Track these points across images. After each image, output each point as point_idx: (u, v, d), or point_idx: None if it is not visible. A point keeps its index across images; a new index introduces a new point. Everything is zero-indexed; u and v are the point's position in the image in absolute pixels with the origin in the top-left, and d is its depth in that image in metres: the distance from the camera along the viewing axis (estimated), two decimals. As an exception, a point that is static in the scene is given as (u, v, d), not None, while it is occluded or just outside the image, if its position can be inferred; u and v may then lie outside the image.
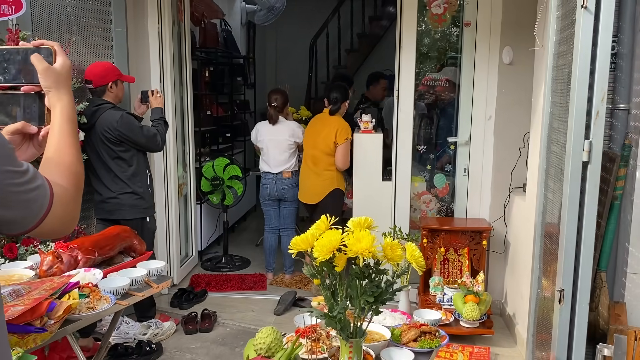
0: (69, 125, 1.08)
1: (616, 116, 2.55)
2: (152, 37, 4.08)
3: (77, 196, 1.04)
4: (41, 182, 0.94)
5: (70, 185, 1.02)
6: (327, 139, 4.23)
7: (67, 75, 1.11)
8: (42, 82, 1.09)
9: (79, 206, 1.05)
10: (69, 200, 1.00)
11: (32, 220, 0.94)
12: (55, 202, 0.96)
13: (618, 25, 2.50)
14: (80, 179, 1.06)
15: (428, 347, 1.93)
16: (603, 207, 2.53)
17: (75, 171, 1.05)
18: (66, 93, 1.10)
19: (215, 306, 4.03)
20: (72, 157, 1.06)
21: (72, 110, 1.10)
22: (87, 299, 1.99)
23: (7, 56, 1.10)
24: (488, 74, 3.87)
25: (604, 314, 2.55)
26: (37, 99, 1.12)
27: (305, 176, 4.44)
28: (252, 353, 1.81)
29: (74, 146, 1.07)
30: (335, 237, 1.54)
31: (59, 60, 1.11)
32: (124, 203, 3.36)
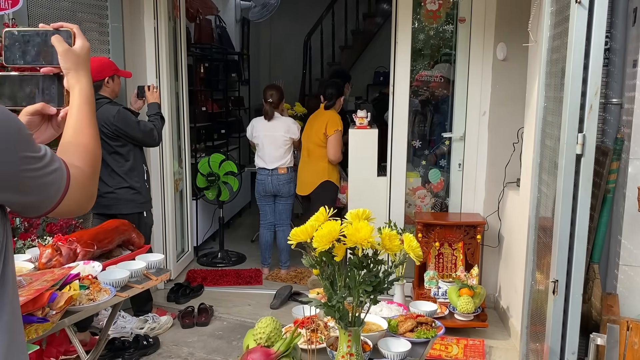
0: (87, 107, 1.10)
1: (609, 110, 2.59)
2: (148, 33, 4.09)
3: (94, 176, 1.05)
4: (58, 164, 0.95)
5: (87, 166, 1.03)
6: (318, 132, 4.39)
7: (86, 57, 1.13)
8: (61, 64, 1.10)
9: (96, 186, 1.07)
10: (86, 181, 1.01)
11: (50, 204, 0.95)
12: (72, 184, 0.97)
13: (611, 21, 2.54)
14: (97, 159, 1.08)
15: (425, 337, 1.96)
16: (596, 200, 2.57)
17: (93, 152, 1.06)
18: (85, 75, 1.12)
19: (212, 301, 4.05)
20: (90, 138, 1.07)
21: (90, 91, 1.12)
22: (88, 291, 2.00)
23: (27, 38, 1.11)
24: (482, 69, 3.90)
25: (596, 305, 2.59)
26: (56, 81, 1.13)
27: (300, 169, 4.62)
28: (252, 343, 1.84)
29: (91, 127, 1.09)
30: (334, 227, 1.57)
31: (78, 42, 1.12)
32: (121, 198, 3.37)
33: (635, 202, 2.37)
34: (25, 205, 0.93)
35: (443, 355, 3.25)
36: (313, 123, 4.51)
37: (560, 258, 2.16)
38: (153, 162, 4.18)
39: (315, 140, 4.42)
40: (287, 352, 1.76)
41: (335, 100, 4.47)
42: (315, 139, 4.42)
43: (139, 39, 4.06)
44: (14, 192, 0.89)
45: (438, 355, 3.24)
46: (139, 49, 4.07)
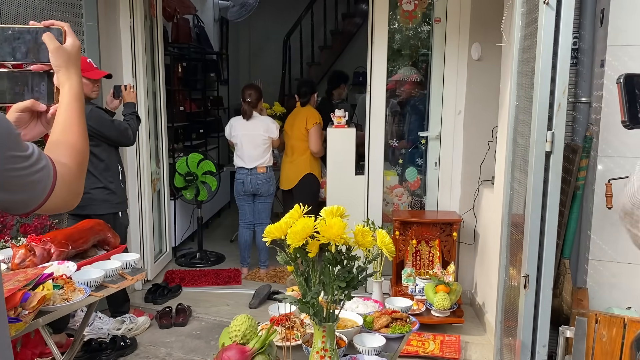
0: (76, 104, 1.10)
1: (578, 109, 2.66)
2: (124, 32, 4.06)
3: (81, 174, 1.06)
4: (45, 162, 0.96)
5: (74, 163, 1.04)
6: (300, 127, 4.56)
7: (76, 55, 1.14)
8: (52, 61, 1.11)
9: (83, 183, 1.07)
10: (72, 178, 1.02)
11: (36, 202, 0.96)
12: (58, 181, 0.98)
13: (580, 21, 2.60)
14: (85, 157, 1.09)
15: (399, 333, 1.99)
16: (566, 196, 2.63)
17: (80, 149, 1.07)
18: (75, 73, 1.12)
19: (190, 301, 4.04)
20: (78, 136, 1.08)
21: (80, 89, 1.13)
22: (61, 291, 1.99)
23: (17, 35, 1.11)
24: (457, 69, 3.96)
25: (567, 299, 2.65)
26: (47, 78, 1.14)
27: (283, 166, 4.77)
28: (227, 340, 1.84)
29: (80, 125, 1.10)
30: (308, 224, 1.59)
31: (69, 40, 1.13)
32: (95, 198, 3.33)
33: (604, 198, 2.43)
34: (12, 203, 0.93)
35: (420, 352, 3.29)
36: (293, 121, 4.64)
37: (531, 253, 2.20)
38: (129, 162, 4.16)
39: (298, 135, 4.56)
40: (262, 349, 1.77)
41: (310, 97, 4.65)
42: (298, 134, 4.56)
43: (115, 38, 4.03)
44: (1, 191, 0.90)
45: (415, 352, 3.28)
46: (115, 48, 4.04)
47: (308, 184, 4.59)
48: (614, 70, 2.44)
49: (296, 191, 4.58)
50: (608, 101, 2.47)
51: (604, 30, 2.49)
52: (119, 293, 3.31)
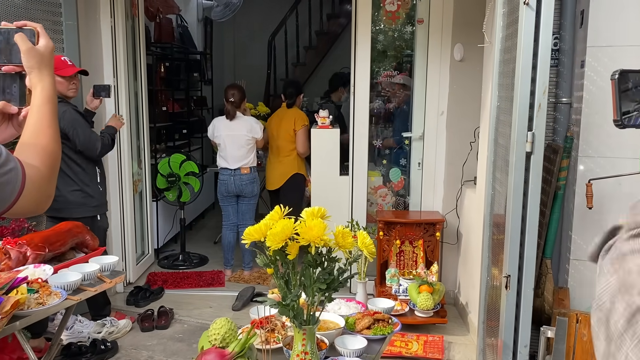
0: (48, 106, 1.08)
1: (559, 109, 2.67)
2: (105, 31, 4.00)
3: (52, 176, 1.04)
4: (13, 164, 0.94)
5: (44, 166, 1.02)
6: (287, 128, 4.59)
7: (49, 56, 1.12)
8: (25, 63, 1.08)
9: (54, 185, 1.06)
10: (43, 181, 1.01)
11: (4, 204, 0.94)
12: (27, 184, 0.96)
13: (560, 22, 2.62)
14: (56, 159, 1.07)
15: (381, 334, 1.98)
16: (547, 196, 2.64)
17: (51, 151, 1.05)
18: (48, 74, 1.10)
19: (172, 303, 3.99)
20: (49, 138, 1.06)
21: (53, 91, 1.10)
22: (37, 295, 1.95)
23: None
24: (440, 70, 3.97)
25: (549, 299, 2.66)
26: (18, 80, 1.12)
27: (270, 166, 4.81)
28: (207, 344, 1.82)
29: (52, 127, 1.08)
30: (287, 225, 1.57)
31: (42, 41, 1.11)
32: (72, 201, 3.26)
33: (584, 198, 2.45)
34: None
35: (403, 352, 3.28)
36: (280, 122, 4.65)
37: (512, 253, 2.21)
38: (111, 163, 4.10)
39: (285, 136, 4.59)
40: (242, 353, 1.75)
41: (295, 98, 4.69)
42: (285, 135, 4.59)
43: (95, 38, 3.98)
44: None
45: (398, 352, 3.28)
46: (96, 48, 3.98)
47: (296, 183, 4.64)
48: (593, 71, 2.46)
49: (284, 191, 4.62)
50: (588, 102, 2.48)
51: (583, 31, 2.51)
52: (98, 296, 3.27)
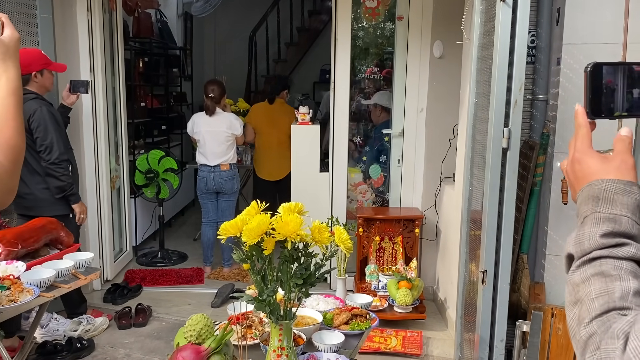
0: (12, 98, 1.06)
1: (536, 106, 2.69)
2: (81, 25, 3.94)
3: (14, 170, 1.02)
4: None
5: (7, 160, 1.00)
6: (285, 121, 4.72)
7: (15, 47, 1.09)
8: None
9: (17, 180, 1.04)
10: (5, 175, 0.99)
11: None
12: None
13: (536, 20, 2.64)
14: (19, 153, 1.05)
15: (359, 329, 1.98)
16: (524, 192, 2.67)
17: (14, 145, 1.03)
18: (13, 66, 1.08)
19: (151, 301, 3.96)
20: (13, 131, 1.04)
21: (17, 82, 1.08)
22: (8, 292, 1.91)
23: None
24: (420, 67, 3.98)
25: (525, 293, 2.69)
26: None
27: (268, 157, 4.95)
28: (183, 340, 1.80)
29: (15, 120, 1.05)
30: (263, 221, 1.56)
31: (7, 32, 1.09)
32: (42, 199, 3.18)
33: (560, 194, 2.48)
34: None
35: (382, 348, 3.29)
36: (272, 115, 4.87)
37: (488, 249, 2.23)
38: (87, 159, 4.04)
39: (285, 130, 4.66)
40: (218, 349, 1.74)
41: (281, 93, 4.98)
42: (285, 129, 4.66)
43: (72, 32, 3.91)
44: None
45: (377, 348, 3.29)
46: (72, 42, 3.92)
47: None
48: (569, 68, 2.49)
49: (285, 182, 4.70)
50: (564, 98, 2.51)
51: (560, 29, 2.53)
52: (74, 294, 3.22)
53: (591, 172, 0.78)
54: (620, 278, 0.69)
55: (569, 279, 0.76)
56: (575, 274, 0.74)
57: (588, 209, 0.76)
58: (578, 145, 0.81)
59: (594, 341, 0.66)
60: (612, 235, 0.72)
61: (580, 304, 0.71)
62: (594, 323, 0.67)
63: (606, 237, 0.72)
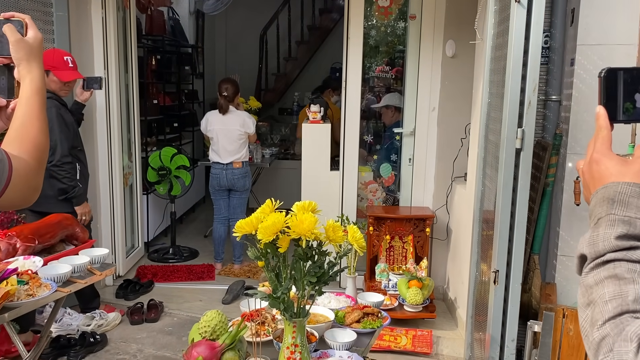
0: (37, 98, 1.08)
1: (549, 107, 2.69)
2: (96, 23, 3.98)
3: (39, 169, 1.04)
4: (0, 157, 0.94)
5: (32, 158, 1.01)
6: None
7: (38, 48, 1.11)
8: (13, 54, 1.07)
9: (41, 178, 1.05)
10: (30, 173, 1.00)
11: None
12: (14, 176, 0.95)
13: (551, 20, 2.64)
14: (44, 152, 1.06)
15: (370, 328, 2.00)
16: (536, 193, 2.67)
17: (39, 143, 1.05)
18: (37, 66, 1.09)
19: (162, 297, 3.99)
20: (37, 131, 1.05)
21: (41, 82, 1.10)
22: (27, 286, 1.94)
23: None
24: (432, 66, 3.98)
25: (536, 294, 2.69)
26: (7, 72, 1.11)
27: None
28: (197, 336, 1.83)
29: (40, 119, 1.07)
30: (279, 219, 1.58)
31: (31, 32, 1.10)
32: (51, 195, 3.19)
33: (572, 195, 2.48)
34: None
35: (392, 346, 3.31)
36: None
37: (500, 249, 2.23)
38: (101, 156, 4.09)
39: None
40: (232, 345, 1.76)
41: None
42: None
43: (86, 29, 3.95)
44: None
45: (387, 346, 3.30)
46: (86, 40, 3.96)
47: None
48: (583, 69, 2.48)
49: None
50: (578, 99, 2.51)
51: (574, 30, 2.53)
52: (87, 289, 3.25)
53: (609, 174, 0.78)
54: (634, 281, 0.69)
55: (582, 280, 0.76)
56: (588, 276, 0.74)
57: (602, 210, 0.76)
58: (598, 146, 0.82)
59: (607, 343, 0.66)
60: (626, 238, 0.72)
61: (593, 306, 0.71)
62: (607, 325, 0.68)
63: (621, 239, 0.72)
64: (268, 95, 8.28)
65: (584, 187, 0.85)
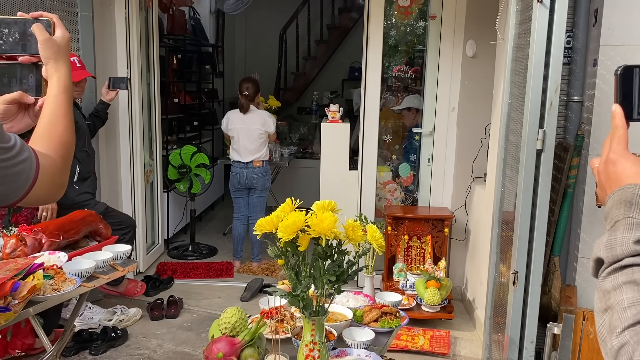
0: (64, 96, 1.09)
1: (570, 108, 2.67)
2: (119, 23, 4.04)
3: (65, 167, 1.05)
4: (28, 154, 0.95)
5: (58, 156, 1.03)
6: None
7: (66, 47, 1.12)
8: (42, 53, 1.09)
9: (67, 175, 1.06)
10: (56, 170, 1.01)
11: (18, 194, 0.95)
12: (41, 173, 0.97)
13: (573, 20, 2.61)
14: (70, 149, 1.08)
15: (388, 327, 2.00)
16: (557, 194, 2.65)
17: (65, 141, 1.06)
18: (64, 65, 1.11)
19: (182, 293, 4.04)
20: (64, 129, 1.07)
21: (68, 81, 1.11)
22: (52, 281, 1.99)
23: (4, 26, 1.09)
24: (452, 66, 3.97)
25: (556, 296, 2.67)
26: (35, 70, 1.12)
27: None
28: (217, 333, 1.86)
29: (66, 117, 1.08)
30: (299, 218, 1.59)
31: (59, 32, 1.12)
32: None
33: (594, 197, 2.45)
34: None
35: (409, 346, 3.31)
36: None
37: (520, 250, 2.22)
38: (123, 154, 4.15)
39: None
40: (251, 342, 1.79)
41: None
42: None
43: (110, 29, 4.01)
44: None
45: (404, 346, 3.30)
46: (110, 39, 4.02)
47: None
48: (606, 70, 2.46)
49: None
50: (600, 100, 2.48)
51: (597, 30, 2.50)
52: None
53: (626, 175, 0.77)
54: None
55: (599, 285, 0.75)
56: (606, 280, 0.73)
57: (620, 213, 0.75)
58: (614, 146, 0.80)
59: (627, 351, 0.65)
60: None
61: (611, 311, 0.70)
62: (626, 333, 0.67)
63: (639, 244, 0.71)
64: (287, 94, 8.32)
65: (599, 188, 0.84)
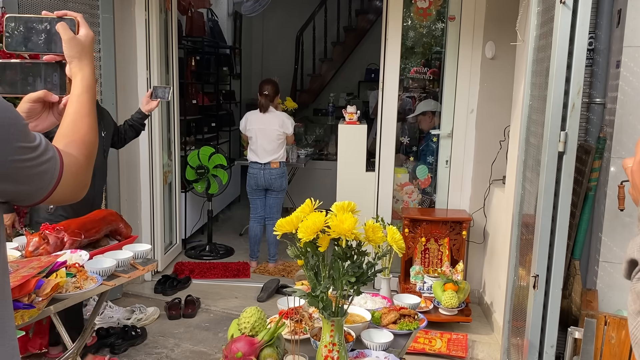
0: (87, 95, 1.10)
1: (592, 110, 2.64)
2: (139, 25, 4.08)
3: (88, 165, 1.05)
4: (52, 153, 0.96)
5: (81, 155, 1.03)
6: None
7: (90, 46, 1.13)
8: (66, 52, 1.10)
9: (90, 174, 1.07)
10: (79, 169, 1.02)
11: (43, 193, 0.95)
12: (65, 173, 0.97)
13: (596, 21, 2.58)
14: (93, 148, 1.08)
15: (407, 329, 2.00)
16: (578, 197, 2.62)
17: (88, 140, 1.07)
18: (88, 64, 1.12)
19: (199, 293, 4.07)
20: (87, 128, 1.07)
21: (92, 80, 1.12)
22: (74, 279, 2.02)
23: (30, 25, 1.10)
24: (471, 67, 3.94)
25: (576, 300, 2.64)
26: (59, 69, 1.13)
27: None
28: (237, 332, 1.86)
29: (90, 116, 1.09)
30: (319, 218, 1.60)
31: (82, 31, 1.12)
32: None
33: (616, 200, 2.42)
34: (18, 195, 0.93)
35: (427, 349, 3.29)
36: None
37: (541, 253, 2.20)
38: (142, 154, 4.19)
39: None
40: (270, 342, 1.79)
41: None
42: None
43: (130, 31, 4.06)
44: (8, 182, 0.89)
45: (422, 349, 3.29)
46: (130, 41, 4.06)
47: None
48: (629, 72, 2.43)
49: None
50: (623, 102, 2.45)
51: (620, 31, 2.47)
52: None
53: None
54: None
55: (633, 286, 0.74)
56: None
57: None
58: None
59: None
60: None
61: None
62: None
63: None
64: (303, 96, 8.33)
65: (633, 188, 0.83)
